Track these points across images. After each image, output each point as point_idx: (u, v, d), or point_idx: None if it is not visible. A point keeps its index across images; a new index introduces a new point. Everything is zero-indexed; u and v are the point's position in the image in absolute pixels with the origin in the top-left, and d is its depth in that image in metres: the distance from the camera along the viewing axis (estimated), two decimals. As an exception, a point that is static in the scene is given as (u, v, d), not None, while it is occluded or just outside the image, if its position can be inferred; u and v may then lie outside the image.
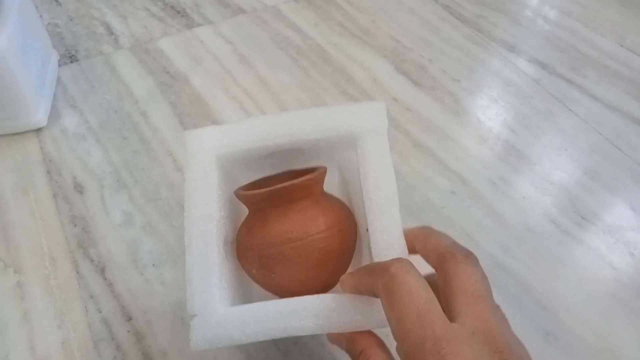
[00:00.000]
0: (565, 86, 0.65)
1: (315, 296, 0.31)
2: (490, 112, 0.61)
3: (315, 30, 0.72)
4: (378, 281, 0.27)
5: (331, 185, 0.37)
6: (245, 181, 0.37)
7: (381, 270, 0.27)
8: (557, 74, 0.66)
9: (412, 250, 0.32)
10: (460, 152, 0.56)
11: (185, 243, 0.32)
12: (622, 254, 0.48)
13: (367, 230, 0.32)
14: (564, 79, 0.66)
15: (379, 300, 0.28)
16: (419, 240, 0.31)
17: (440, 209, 0.51)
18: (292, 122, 0.34)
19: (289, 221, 0.32)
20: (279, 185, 0.32)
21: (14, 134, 0.56)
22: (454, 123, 0.60)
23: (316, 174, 0.34)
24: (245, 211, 0.36)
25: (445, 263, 0.28)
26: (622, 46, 0.70)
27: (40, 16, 0.70)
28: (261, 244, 0.33)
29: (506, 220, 0.50)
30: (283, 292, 0.34)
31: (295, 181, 0.32)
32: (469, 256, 0.28)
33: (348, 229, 0.34)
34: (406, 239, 0.32)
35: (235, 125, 0.34)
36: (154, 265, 0.46)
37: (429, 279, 0.27)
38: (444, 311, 0.25)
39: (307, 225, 0.32)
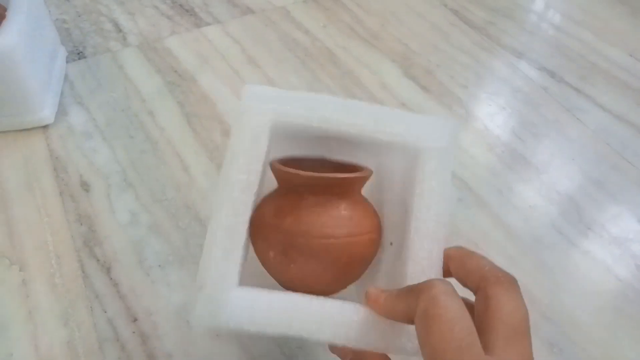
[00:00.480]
0: (573, 95, 0.64)
1: (341, 305, 0.29)
2: (498, 119, 0.61)
3: (324, 32, 0.71)
4: (417, 302, 0.25)
5: (365, 186, 0.35)
6: (275, 152, 0.34)
7: (421, 290, 0.25)
8: (565, 82, 0.66)
9: (445, 272, 0.30)
10: (467, 159, 0.56)
11: (214, 206, 0.30)
12: (628, 266, 0.48)
13: (391, 244, 0.31)
14: (573, 87, 0.66)
15: (405, 325, 0.26)
16: (454, 260, 0.29)
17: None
18: (360, 114, 0.31)
19: (326, 215, 0.30)
20: (328, 175, 0.30)
21: (20, 131, 0.56)
22: (461, 130, 0.60)
23: (365, 173, 0.32)
24: (268, 184, 0.34)
25: (490, 287, 0.26)
26: (631, 56, 0.70)
27: (49, 11, 0.70)
28: (291, 229, 0.30)
29: (512, 230, 0.50)
30: (290, 284, 0.32)
31: (346, 176, 0.31)
32: (513, 282, 0.26)
33: (377, 238, 0.33)
34: None
35: (299, 95, 0.32)
36: (159, 266, 0.45)
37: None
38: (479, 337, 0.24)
39: (344, 224, 0.30)
